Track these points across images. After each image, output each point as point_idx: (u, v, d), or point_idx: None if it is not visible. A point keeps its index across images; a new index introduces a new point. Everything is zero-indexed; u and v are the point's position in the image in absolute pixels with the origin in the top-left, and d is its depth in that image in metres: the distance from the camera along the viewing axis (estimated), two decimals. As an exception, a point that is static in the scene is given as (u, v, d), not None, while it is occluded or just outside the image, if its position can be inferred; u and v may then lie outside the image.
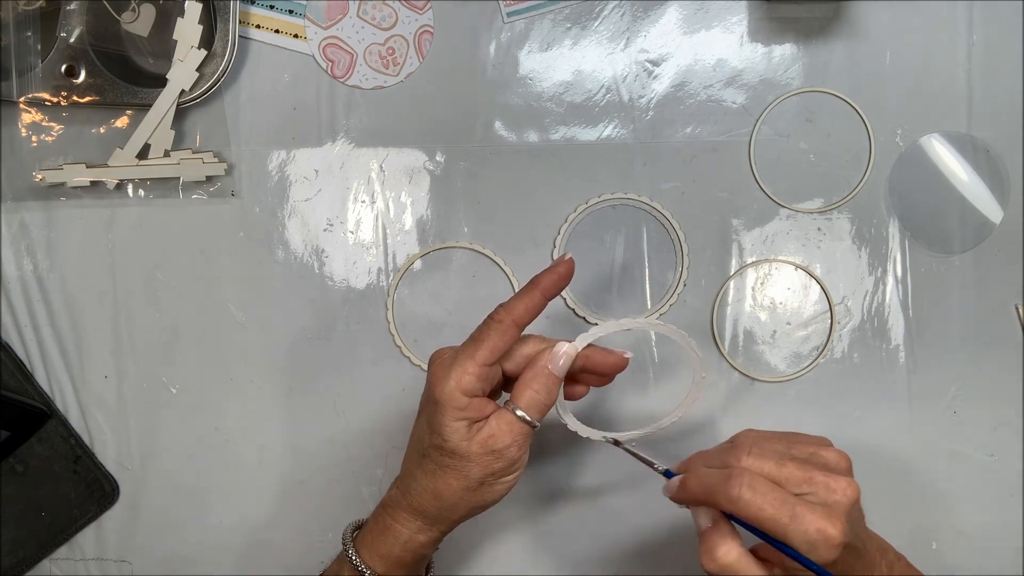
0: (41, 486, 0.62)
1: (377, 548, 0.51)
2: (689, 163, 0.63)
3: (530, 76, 0.63)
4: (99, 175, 0.61)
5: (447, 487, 0.48)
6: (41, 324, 0.63)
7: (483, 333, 0.48)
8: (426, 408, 0.49)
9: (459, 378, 0.47)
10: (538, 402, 0.48)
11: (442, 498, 0.49)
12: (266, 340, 0.63)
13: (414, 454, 0.50)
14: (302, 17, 0.63)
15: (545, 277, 0.48)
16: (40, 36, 0.60)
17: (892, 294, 0.62)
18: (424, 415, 0.49)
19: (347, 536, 0.53)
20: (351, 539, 0.52)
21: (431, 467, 0.49)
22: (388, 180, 0.63)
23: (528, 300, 0.48)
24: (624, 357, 0.50)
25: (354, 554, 0.51)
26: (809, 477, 0.43)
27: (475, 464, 0.48)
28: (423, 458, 0.49)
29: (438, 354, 0.50)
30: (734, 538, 0.43)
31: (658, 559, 0.62)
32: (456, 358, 0.48)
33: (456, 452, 0.48)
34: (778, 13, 0.62)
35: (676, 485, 0.47)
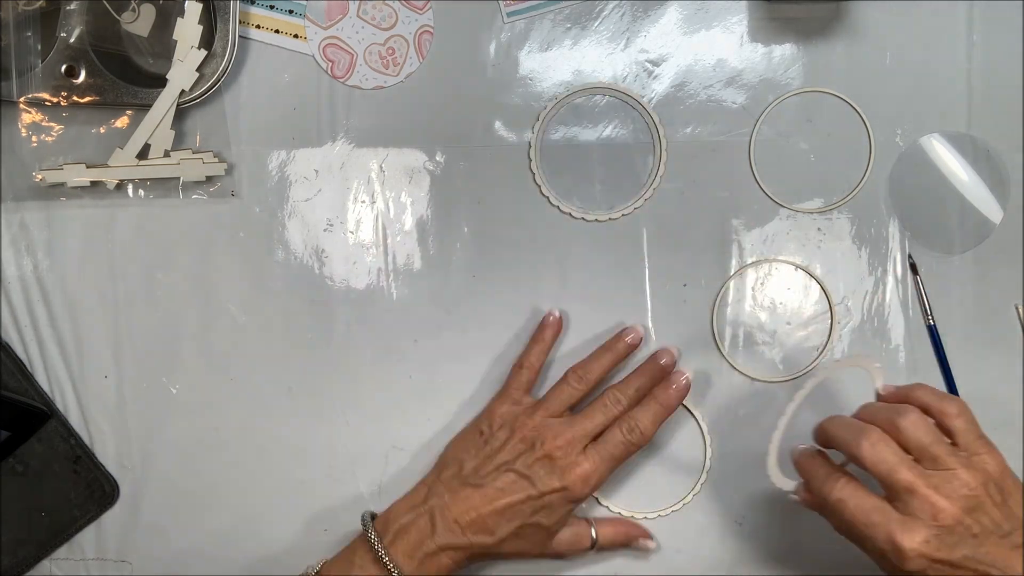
0: (41, 486, 0.62)
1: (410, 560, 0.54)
2: (689, 163, 0.63)
3: (530, 76, 0.63)
4: (99, 175, 0.61)
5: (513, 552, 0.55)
6: (41, 324, 0.63)
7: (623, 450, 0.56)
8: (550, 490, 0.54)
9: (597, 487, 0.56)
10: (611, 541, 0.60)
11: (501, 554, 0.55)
12: (266, 340, 0.63)
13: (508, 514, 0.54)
14: (302, 17, 0.63)
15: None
16: (40, 36, 0.60)
17: (892, 294, 0.62)
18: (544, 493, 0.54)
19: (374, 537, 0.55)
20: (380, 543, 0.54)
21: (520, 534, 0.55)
22: (388, 180, 0.63)
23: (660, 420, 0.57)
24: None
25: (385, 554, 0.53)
26: (912, 488, 0.47)
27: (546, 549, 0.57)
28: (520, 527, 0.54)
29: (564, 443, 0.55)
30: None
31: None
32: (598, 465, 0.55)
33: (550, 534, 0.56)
34: (778, 13, 0.62)
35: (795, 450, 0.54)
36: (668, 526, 0.62)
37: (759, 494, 0.62)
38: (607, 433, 0.56)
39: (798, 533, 0.62)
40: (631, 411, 0.56)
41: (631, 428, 0.56)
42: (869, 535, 0.47)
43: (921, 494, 0.47)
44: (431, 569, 0.54)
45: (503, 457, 0.56)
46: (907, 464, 0.47)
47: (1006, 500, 0.48)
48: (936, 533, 0.46)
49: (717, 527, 0.62)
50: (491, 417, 0.59)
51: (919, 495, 0.47)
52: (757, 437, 0.61)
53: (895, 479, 0.47)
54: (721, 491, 0.62)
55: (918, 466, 0.48)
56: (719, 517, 0.62)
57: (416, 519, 0.55)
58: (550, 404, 0.57)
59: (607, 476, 0.56)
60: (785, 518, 0.62)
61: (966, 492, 0.47)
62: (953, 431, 0.49)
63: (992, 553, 0.46)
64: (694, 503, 0.62)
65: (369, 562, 0.54)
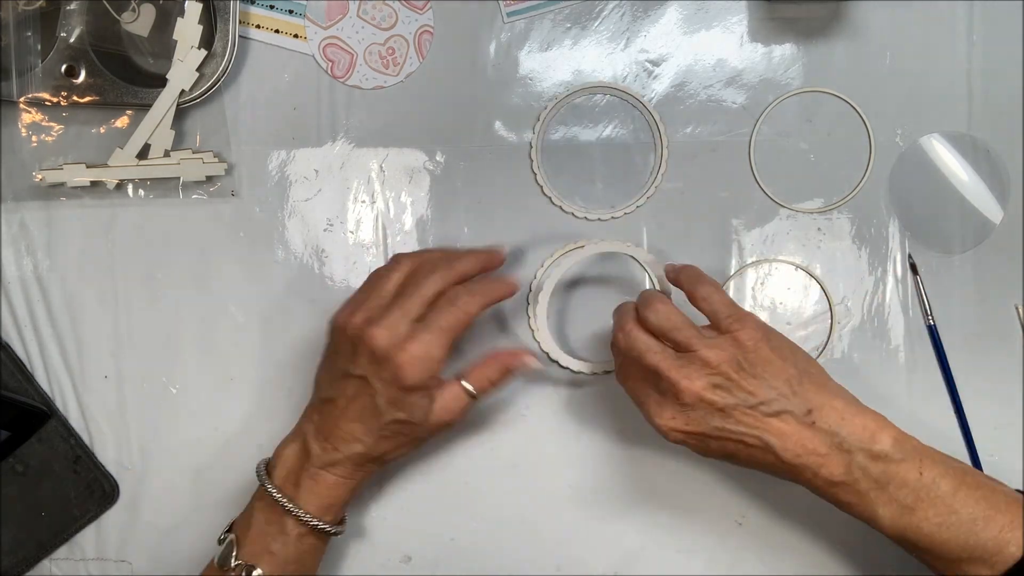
0: (41, 486, 0.62)
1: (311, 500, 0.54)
2: (689, 163, 0.63)
3: (530, 76, 0.63)
4: (99, 175, 0.61)
5: (396, 448, 0.54)
6: (41, 324, 0.63)
7: (449, 319, 0.52)
8: (385, 386, 0.52)
9: (433, 365, 0.52)
10: (488, 382, 0.55)
11: (386, 457, 0.55)
12: (266, 340, 0.63)
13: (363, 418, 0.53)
14: (302, 17, 0.63)
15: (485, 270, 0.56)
16: (40, 36, 0.60)
17: (892, 294, 0.62)
18: (382, 390, 0.52)
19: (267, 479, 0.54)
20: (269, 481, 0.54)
21: (386, 434, 0.53)
22: (388, 180, 0.63)
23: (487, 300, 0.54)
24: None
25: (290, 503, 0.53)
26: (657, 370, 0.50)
27: (427, 430, 0.54)
28: (381, 428, 0.53)
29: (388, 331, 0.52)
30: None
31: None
32: (426, 342, 0.52)
33: (414, 423, 0.53)
34: (778, 13, 0.62)
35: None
36: (667, 525, 0.62)
37: (759, 494, 0.62)
38: (432, 306, 0.53)
39: (798, 533, 0.62)
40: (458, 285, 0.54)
41: (457, 295, 0.53)
42: (642, 413, 0.52)
43: (665, 376, 0.50)
44: (322, 490, 0.54)
45: (340, 364, 0.54)
46: (654, 349, 0.51)
47: (758, 373, 0.50)
48: (680, 410, 0.50)
49: (717, 527, 0.62)
50: (329, 326, 0.56)
51: (664, 377, 0.50)
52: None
53: (643, 363, 0.51)
54: (721, 491, 0.62)
55: (668, 350, 0.51)
56: (719, 517, 0.62)
57: (294, 450, 0.55)
58: (370, 296, 0.54)
59: (443, 351, 0.52)
60: (785, 518, 0.62)
61: (707, 371, 0.49)
62: (705, 313, 0.52)
63: (743, 422, 0.49)
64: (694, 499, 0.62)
65: (265, 503, 0.54)
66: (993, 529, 0.47)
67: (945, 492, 0.48)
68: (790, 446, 0.49)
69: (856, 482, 0.49)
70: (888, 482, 0.49)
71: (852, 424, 0.49)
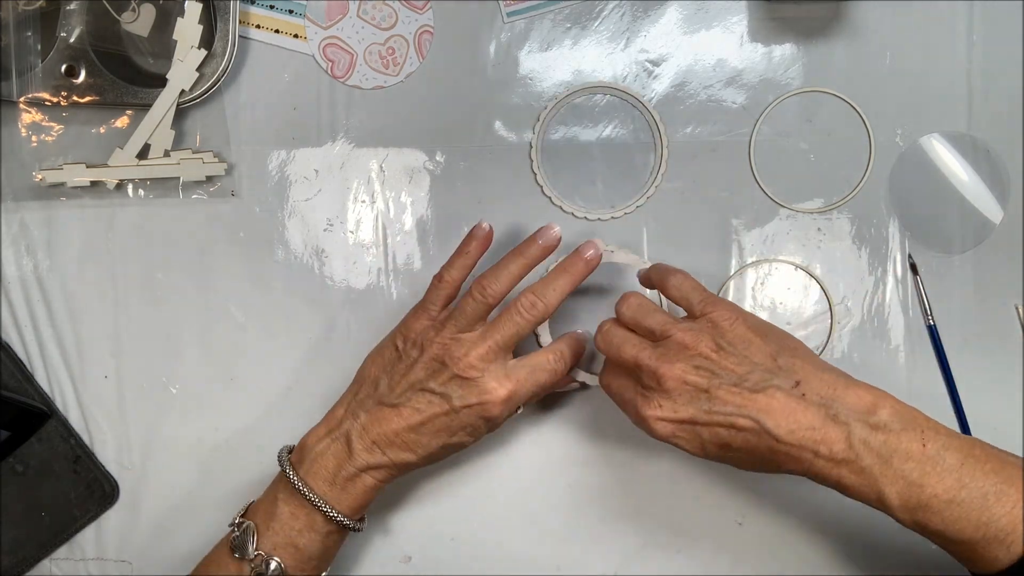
0: (41, 486, 0.62)
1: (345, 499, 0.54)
2: (689, 163, 0.63)
3: (530, 76, 0.63)
4: (99, 175, 0.62)
5: (436, 461, 0.55)
6: (41, 324, 0.63)
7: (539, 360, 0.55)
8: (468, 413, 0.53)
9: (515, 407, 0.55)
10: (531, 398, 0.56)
11: (429, 464, 0.55)
12: (266, 340, 0.63)
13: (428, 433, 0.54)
14: (302, 17, 0.63)
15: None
16: (40, 36, 0.60)
17: (892, 294, 0.62)
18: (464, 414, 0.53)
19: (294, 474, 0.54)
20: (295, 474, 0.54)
21: (444, 453, 0.55)
22: (388, 180, 0.63)
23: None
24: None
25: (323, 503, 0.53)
26: (637, 362, 0.50)
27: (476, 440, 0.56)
28: (443, 446, 0.54)
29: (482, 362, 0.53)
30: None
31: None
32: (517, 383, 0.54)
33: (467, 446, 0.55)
34: (778, 13, 0.62)
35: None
36: (667, 525, 0.62)
37: (759, 494, 0.62)
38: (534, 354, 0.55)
39: (798, 533, 0.62)
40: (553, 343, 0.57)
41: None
42: (627, 412, 0.51)
43: (645, 366, 0.50)
44: (356, 491, 0.53)
45: (416, 375, 0.54)
46: (631, 342, 0.51)
47: (737, 350, 0.49)
48: (666, 397, 0.49)
49: (717, 527, 0.62)
50: (406, 332, 0.56)
51: (644, 367, 0.50)
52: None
53: (622, 359, 0.51)
54: (721, 491, 0.62)
55: (645, 341, 0.51)
56: (719, 517, 0.62)
57: (332, 444, 0.54)
58: (459, 320, 0.54)
59: (529, 392, 0.54)
60: (785, 518, 0.62)
61: (687, 354, 0.49)
62: (677, 301, 0.53)
63: (729, 401, 0.48)
64: (696, 495, 0.62)
65: (290, 494, 0.53)
66: (1007, 504, 0.44)
67: (952, 464, 0.45)
68: (782, 421, 0.47)
69: (859, 458, 0.46)
70: (891, 455, 0.46)
71: (845, 395, 0.47)
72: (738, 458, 0.50)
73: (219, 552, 0.54)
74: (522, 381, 0.54)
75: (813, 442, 0.47)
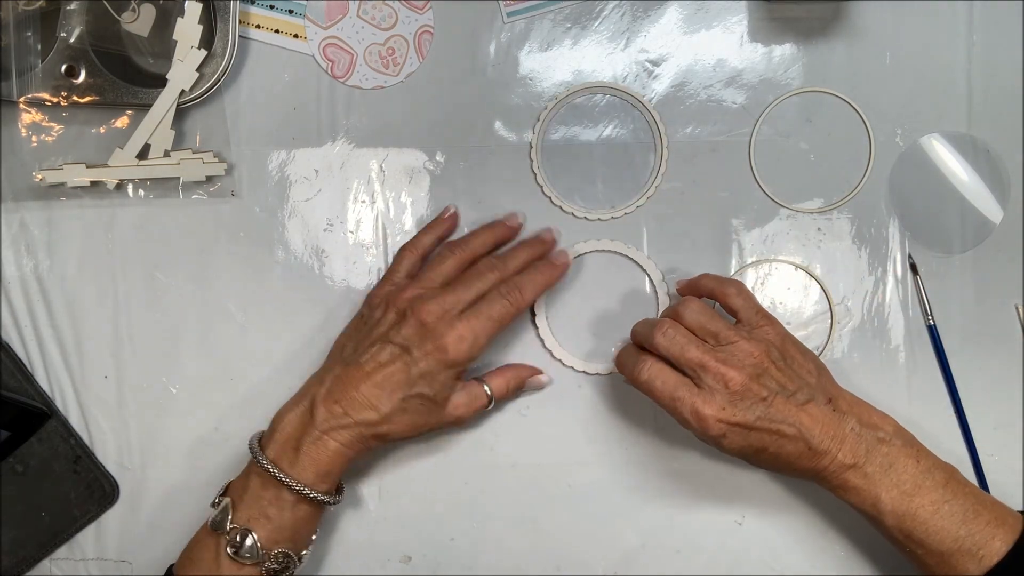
0: (41, 486, 0.62)
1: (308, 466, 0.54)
2: (689, 163, 0.63)
3: (530, 76, 0.63)
4: (99, 175, 0.61)
5: (405, 427, 0.55)
6: (41, 324, 0.63)
7: (500, 310, 0.55)
8: (425, 356, 0.54)
9: (476, 349, 0.55)
10: (505, 390, 0.59)
11: (391, 434, 0.55)
12: (266, 340, 0.63)
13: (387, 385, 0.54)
14: (302, 17, 0.63)
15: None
16: (40, 36, 0.60)
17: (892, 294, 0.62)
18: (420, 359, 0.54)
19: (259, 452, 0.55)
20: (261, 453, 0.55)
21: (405, 407, 0.54)
22: (388, 180, 0.63)
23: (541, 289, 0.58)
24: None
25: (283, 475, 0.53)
26: (703, 363, 0.52)
27: (440, 419, 0.56)
28: (403, 399, 0.54)
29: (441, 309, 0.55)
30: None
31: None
32: (474, 326, 0.54)
33: (436, 403, 0.55)
34: (778, 13, 0.62)
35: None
36: (666, 523, 0.62)
37: (759, 494, 0.62)
38: (485, 296, 0.56)
39: (798, 533, 0.62)
40: (515, 278, 0.57)
41: (510, 289, 0.56)
42: (675, 408, 0.53)
43: (711, 367, 0.52)
44: (321, 456, 0.54)
45: (379, 331, 0.56)
46: (695, 343, 0.53)
47: (789, 364, 0.54)
48: (730, 400, 0.52)
49: (717, 527, 0.62)
50: (371, 299, 0.59)
51: (710, 369, 0.52)
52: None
53: (687, 358, 0.53)
54: (721, 491, 0.62)
55: (705, 344, 0.53)
56: (719, 517, 0.62)
57: (296, 415, 0.55)
58: (425, 277, 0.57)
59: (487, 339, 0.55)
60: (785, 518, 0.62)
61: (750, 361, 0.52)
62: (735, 309, 0.56)
63: (781, 412, 0.52)
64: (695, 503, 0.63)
65: (259, 471, 0.54)
66: (980, 522, 0.51)
67: (938, 481, 0.52)
68: (818, 432, 0.52)
69: (865, 464, 0.52)
70: (891, 465, 0.52)
71: (860, 411, 0.54)
72: (763, 459, 0.54)
73: (201, 532, 0.55)
74: (478, 318, 0.55)
75: (836, 449, 0.52)
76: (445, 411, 0.57)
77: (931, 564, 0.52)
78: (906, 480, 0.52)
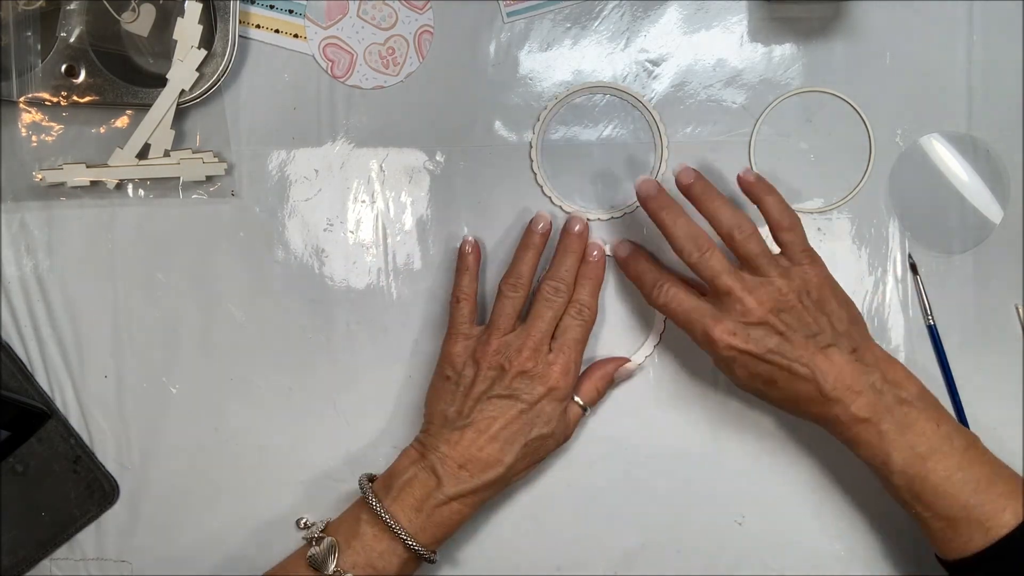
0: (41, 486, 0.63)
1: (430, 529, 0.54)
2: (689, 163, 0.62)
3: (530, 76, 0.63)
4: (99, 175, 0.62)
5: (525, 468, 0.57)
6: (41, 324, 0.63)
7: (580, 332, 0.58)
8: (538, 399, 0.56)
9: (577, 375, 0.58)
10: (596, 394, 0.60)
11: (514, 479, 0.57)
12: (266, 340, 0.63)
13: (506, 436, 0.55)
14: (302, 17, 0.63)
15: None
16: (40, 36, 0.60)
17: (892, 294, 0.62)
18: (534, 403, 0.56)
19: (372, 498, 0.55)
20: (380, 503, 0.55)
21: (528, 451, 0.56)
22: (388, 180, 0.63)
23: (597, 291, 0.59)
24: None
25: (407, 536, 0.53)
26: (729, 290, 0.53)
27: (555, 445, 0.58)
28: (524, 445, 0.55)
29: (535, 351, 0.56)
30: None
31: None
32: (568, 357, 0.57)
33: (555, 437, 0.57)
34: (778, 13, 0.62)
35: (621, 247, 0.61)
36: (666, 523, 0.62)
37: (759, 494, 0.62)
38: (561, 324, 0.58)
39: (798, 533, 0.62)
40: (574, 294, 0.58)
41: (579, 309, 0.58)
42: (691, 329, 0.55)
43: (735, 295, 0.53)
44: (441, 519, 0.54)
45: (479, 389, 0.56)
46: (728, 271, 0.54)
47: (820, 308, 0.54)
48: (742, 326, 0.53)
49: (717, 527, 0.62)
50: (451, 359, 0.58)
51: (734, 296, 0.53)
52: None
53: (717, 284, 0.54)
54: (720, 489, 0.62)
55: (739, 273, 0.54)
56: (719, 517, 0.62)
57: (418, 473, 0.55)
58: (499, 322, 0.58)
59: (580, 360, 0.58)
60: (785, 518, 0.62)
61: (777, 296, 0.53)
62: (783, 243, 0.56)
63: (798, 350, 0.53)
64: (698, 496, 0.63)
65: (374, 518, 0.54)
66: (993, 493, 0.50)
67: (957, 448, 0.52)
68: (832, 379, 0.52)
69: (880, 421, 0.52)
70: (909, 426, 0.52)
71: (886, 368, 0.54)
72: (774, 395, 0.55)
73: (294, 563, 0.55)
74: (569, 348, 0.57)
75: (849, 400, 0.52)
76: (558, 437, 0.58)
77: (935, 528, 0.51)
78: (922, 443, 0.51)
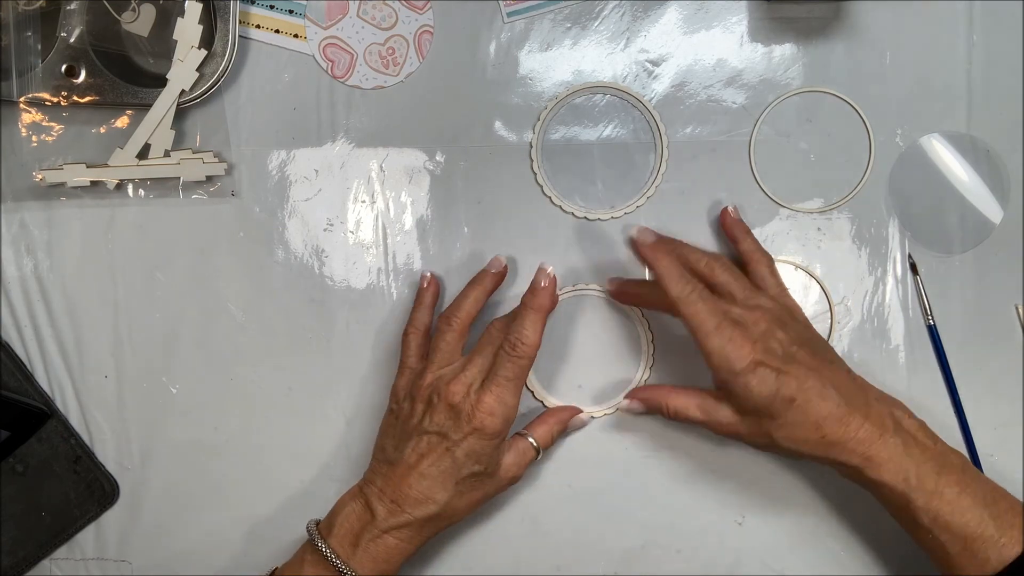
0: (41, 486, 0.63)
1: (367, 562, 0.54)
2: (689, 163, 0.63)
3: (530, 76, 0.63)
4: (99, 175, 0.62)
5: (466, 506, 0.56)
6: (41, 324, 0.63)
7: (513, 368, 0.54)
8: (465, 437, 0.54)
9: (511, 413, 0.55)
10: (551, 437, 0.59)
11: (455, 517, 0.56)
12: (266, 340, 0.63)
13: (437, 475, 0.54)
14: (302, 17, 0.63)
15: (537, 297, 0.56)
16: (40, 36, 0.60)
17: (892, 294, 0.62)
18: (461, 441, 0.54)
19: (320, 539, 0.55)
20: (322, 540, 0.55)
21: (462, 490, 0.54)
22: (388, 180, 0.63)
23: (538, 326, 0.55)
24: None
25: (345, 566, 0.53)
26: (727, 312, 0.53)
27: (497, 485, 0.56)
28: (457, 483, 0.54)
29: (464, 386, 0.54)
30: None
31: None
32: (498, 394, 0.54)
33: (489, 476, 0.55)
34: (778, 13, 0.62)
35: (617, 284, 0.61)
36: (666, 523, 0.62)
37: (759, 494, 0.62)
38: (496, 360, 0.55)
39: (798, 533, 0.62)
40: (512, 325, 0.55)
41: (513, 344, 0.54)
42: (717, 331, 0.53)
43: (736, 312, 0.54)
44: (377, 552, 0.54)
45: (412, 423, 0.55)
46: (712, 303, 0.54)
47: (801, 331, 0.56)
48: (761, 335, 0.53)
49: (717, 527, 0.62)
50: (395, 392, 0.58)
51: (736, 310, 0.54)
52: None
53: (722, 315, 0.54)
54: (721, 491, 0.62)
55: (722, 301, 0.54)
56: (719, 517, 0.62)
57: (355, 509, 0.55)
58: (435, 357, 0.57)
59: (515, 400, 0.55)
60: (785, 518, 0.62)
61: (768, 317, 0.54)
62: (760, 277, 0.58)
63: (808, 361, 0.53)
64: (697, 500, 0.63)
65: (317, 560, 0.54)
66: (1002, 505, 0.50)
67: (955, 464, 0.52)
68: (843, 390, 0.53)
69: (893, 436, 0.51)
70: (913, 443, 0.52)
71: (873, 389, 0.54)
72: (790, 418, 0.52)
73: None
74: (498, 385, 0.54)
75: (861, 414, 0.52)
76: (499, 477, 0.56)
77: (953, 553, 0.50)
78: (928, 459, 0.51)
